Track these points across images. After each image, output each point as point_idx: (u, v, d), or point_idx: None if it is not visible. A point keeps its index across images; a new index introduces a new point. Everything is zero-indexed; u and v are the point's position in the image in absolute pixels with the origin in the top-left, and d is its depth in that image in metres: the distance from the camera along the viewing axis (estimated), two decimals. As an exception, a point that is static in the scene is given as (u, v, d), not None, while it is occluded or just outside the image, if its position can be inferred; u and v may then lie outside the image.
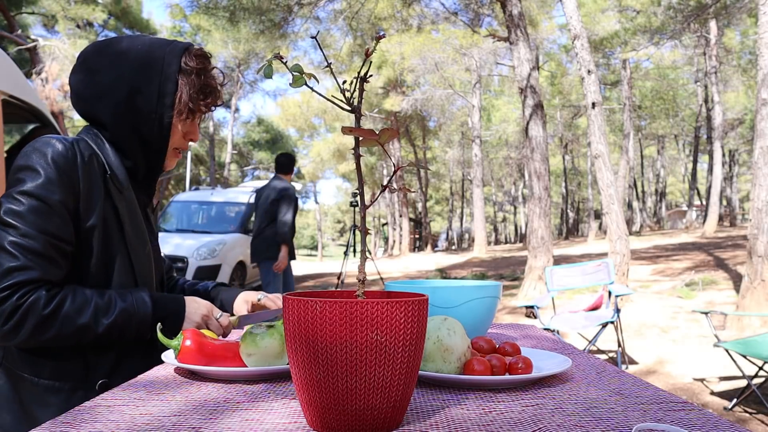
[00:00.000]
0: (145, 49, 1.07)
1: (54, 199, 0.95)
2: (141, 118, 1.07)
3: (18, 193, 0.94)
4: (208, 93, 1.13)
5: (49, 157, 0.97)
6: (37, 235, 0.93)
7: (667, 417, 0.62)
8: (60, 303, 0.95)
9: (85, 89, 1.06)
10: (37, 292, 0.93)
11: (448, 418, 0.63)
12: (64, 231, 0.97)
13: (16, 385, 1.00)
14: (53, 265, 0.95)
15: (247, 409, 0.66)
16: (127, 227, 1.06)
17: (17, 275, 0.91)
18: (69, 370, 1.00)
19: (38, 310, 0.92)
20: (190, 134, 1.15)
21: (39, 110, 3.79)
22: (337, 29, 15.24)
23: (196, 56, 1.11)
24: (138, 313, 1.02)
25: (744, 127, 24.46)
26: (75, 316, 0.96)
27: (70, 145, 1.00)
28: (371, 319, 0.54)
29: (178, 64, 1.08)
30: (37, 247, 0.93)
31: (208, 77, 1.13)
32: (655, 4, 15.24)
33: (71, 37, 13.35)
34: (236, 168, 31.99)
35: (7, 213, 0.93)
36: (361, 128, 0.56)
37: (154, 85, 1.06)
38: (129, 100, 1.05)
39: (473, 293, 1.03)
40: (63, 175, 0.97)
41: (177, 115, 1.09)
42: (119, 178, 1.06)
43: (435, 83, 19.48)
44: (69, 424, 0.61)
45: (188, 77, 1.09)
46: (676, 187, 44.64)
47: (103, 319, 0.98)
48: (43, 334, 0.94)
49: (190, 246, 8.06)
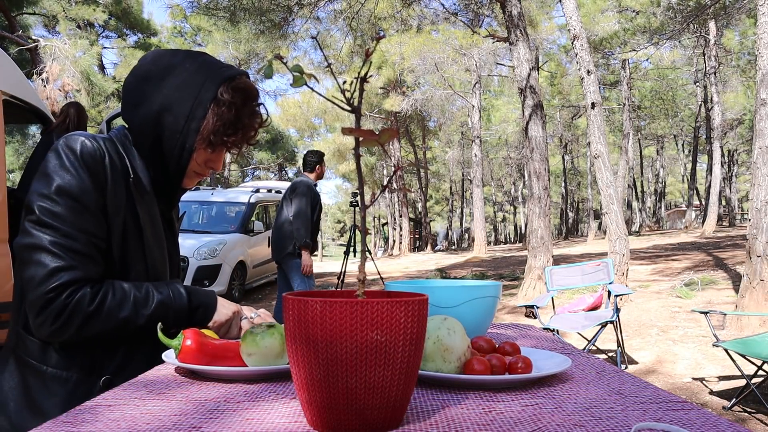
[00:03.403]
0: (194, 68, 1.06)
1: (88, 197, 0.97)
2: (165, 135, 1.06)
3: (53, 192, 0.96)
4: (237, 129, 1.08)
5: (79, 154, 0.98)
6: (77, 234, 0.96)
7: (667, 416, 0.63)
8: (102, 299, 0.97)
9: (129, 93, 1.07)
10: (82, 290, 0.95)
11: (447, 417, 0.63)
12: (100, 228, 0.99)
13: (24, 373, 1.01)
14: (94, 262, 0.98)
15: (248, 409, 0.67)
16: (146, 231, 1.07)
17: (63, 275, 0.94)
18: (76, 361, 1.01)
19: (84, 308, 0.95)
20: (212, 163, 1.12)
21: (40, 110, 3.79)
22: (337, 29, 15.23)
23: (236, 89, 1.07)
24: (174, 305, 1.04)
25: (743, 127, 24.48)
26: (117, 310, 0.98)
27: (99, 144, 1.01)
28: (371, 319, 0.54)
29: (215, 92, 1.05)
30: (78, 246, 0.96)
31: (243, 114, 1.08)
32: (655, 5, 15.25)
33: (72, 37, 13.34)
34: (236, 168, 32.00)
35: (44, 213, 0.95)
36: (361, 128, 0.56)
37: (185, 107, 1.04)
38: (159, 114, 1.04)
39: (473, 293, 1.03)
40: (93, 174, 0.98)
41: (199, 143, 1.07)
42: (143, 182, 1.07)
43: (435, 83, 19.48)
44: (70, 423, 0.61)
45: (220, 108, 1.06)
46: (676, 187, 44.68)
47: (143, 311, 1.01)
48: (89, 329, 0.97)
49: (191, 246, 8.07)
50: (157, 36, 21.26)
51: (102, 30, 20.05)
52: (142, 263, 1.07)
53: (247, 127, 1.10)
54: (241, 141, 1.11)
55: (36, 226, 0.95)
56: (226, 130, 1.07)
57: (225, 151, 1.12)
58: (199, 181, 1.19)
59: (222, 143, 1.09)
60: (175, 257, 1.23)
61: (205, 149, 1.08)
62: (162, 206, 1.17)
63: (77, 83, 11.42)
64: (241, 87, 1.07)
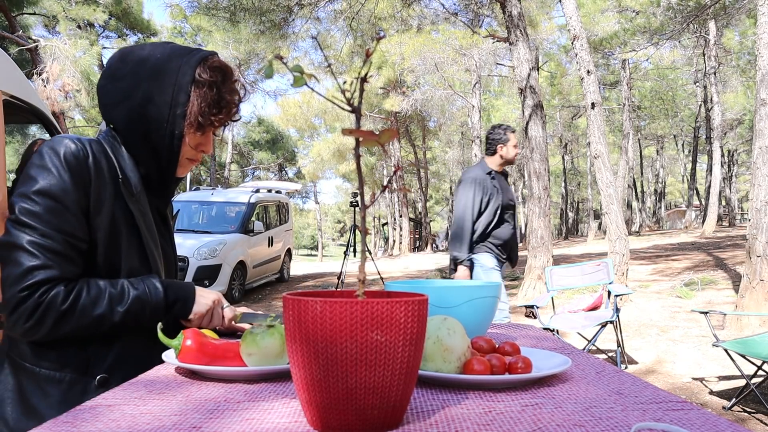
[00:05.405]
0: (165, 57, 1.06)
1: (68, 198, 0.97)
2: (152, 127, 1.06)
3: (33, 193, 0.96)
4: (222, 107, 1.10)
5: (62, 155, 0.98)
6: (54, 234, 0.96)
7: (666, 416, 0.63)
8: (76, 296, 0.97)
9: (106, 94, 1.07)
10: (56, 288, 0.96)
11: (447, 417, 0.63)
12: (79, 229, 0.99)
13: (18, 376, 1.01)
14: (70, 262, 0.98)
15: (248, 409, 0.67)
16: (143, 230, 1.07)
17: (38, 274, 0.94)
18: (70, 361, 1.01)
19: (57, 305, 0.95)
20: (202, 146, 1.14)
21: (40, 110, 3.79)
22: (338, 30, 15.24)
23: (212, 68, 1.08)
24: (151, 300, 1.04)
25: (743, 127, 24.49)
26: (91, 307, 0.98)
27: (83, 146, 1.01)
28: (371, 318, 0.54)
29: (193, 74, 1.06)
30: (55, 246, 0.96)
31: (224, 91, 1.10)
32: (655, 5, 15.24)
33: (72, 37, 13.34)
34: (237, 168, 31.99)
35: (23, 213, 0.95)
36: (361, 129, 0.56)
37: (167, 95, 1.05)
38: (142, 108, 1.05)
39: (473, 293, 1.03)
40: (75, 174, 0.99)
41: (188, 127, 1.08)
42: (131, 182, 1.07)
43: (435, 83, 19.46)
44: (70, 423, 0.61)
45: (201, 89, 1.07)
46: (676, 187, 44.67)
47: (118, 308, 1.00)
48: (62, 327, 0.97)
49: (191, 246, 8.07)
50: (157, 36, 21.23)
51: (102, 30, 20.04)
52: (135, 261, 1.07)
53: (230, 104, 1.12)
54: (226, 118, 1.12)
55: (15, 225, 0.96)
56: (212, 110, 1.09)
57: (213, 132, 1.14)
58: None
59: (210, 123, 1.10)
60: (171, 254, 1.23)
61: (194, 133, 1.09)
62: (157, 202, 1.17)
63: (77, 83, 11.42)
64: (216, 66, 1.09)
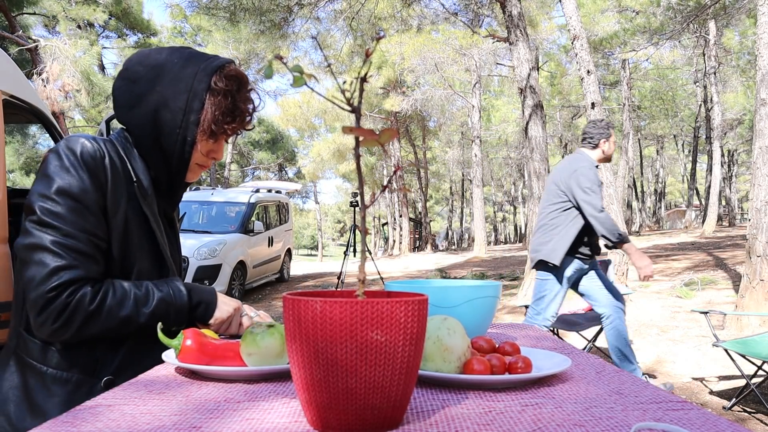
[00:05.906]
0: (182, 63, 1.06)
1: (88, 197, 0.98)
2: (165, 132, 1.06)
3: (54, 193, 0.96)
4: (235, 116, 1.10)
5: (79, 155, 0.99)
6: (78, 234, 0.96)
7: (666, 416, 0.63)
8: (103, 297, 0.98)
9: (121, 96, 1.07)
10: (83, 289, 0.96)
11: (447, 417, 0.63)
12: (100, 228, 1.00)
13: (24, 374, 1.01)
14: (94, 262, 0.99)
15: (248, 409, 0.67)
16: (157, 232, 1.08)
17: (64, 274, 0.94)
18: (78, 362, 1.01)
19: (85, 306, 0.95)
20: (214, 153, 1.14)
21: (40, 110, 3.79)
22: (338, 29, 15.23)
23: (228, 76, 1.08)
24: (175, 302, 1.05)
25: (743, 127, 24.48)
26: (117, 308, 0.99)
27: (99, 146, 1.02)
28: (371, 318, 0.54)
29: (208, 82, 1.06)
30: (79, 246, 0.96)
31: (239, 100, 1.10)
32: (655, 5, 15.24)
33: (72, 37, 13.33)
34: (237, 168, 31.99)
35: (45, 213, 0.96)
36: (361, 128, 0.56)
37: (181, 101, 1.05)
38: (156, 112, 1.05)
39: (473, 293, 1.03)
40: (93, 174, 0.99)
41: (200, 134, 1.08)
42: (144, 185, 1.08)
43: (435, 83, 19.47)
44: (70, 423, 0.61)
45: (216, 97, 1.07)
46: (675, 187, 44.67)
47: (143, 309, 1.01)
48: (90, 328, 0.97)
49: (191, 246, 8.07)
50: (157, 36, 21.23)
51: (102, 30, 20.04)
52: (146, 262, 1.08)
53: (244, 113, 1.12)
54: (239, 127, 1.12)
55: (37, 226, 0.96)
56: (226, 118, 1.09)
57: (225, 140, 1.14)
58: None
59: (223, 132, 1.10)
60: (177, 257, 1.23)
61: (206, 140, 1.10)
62: (165, 205, 1.18)
63: (77, 83, 11.42)
64: (232, 74, 1.09)
